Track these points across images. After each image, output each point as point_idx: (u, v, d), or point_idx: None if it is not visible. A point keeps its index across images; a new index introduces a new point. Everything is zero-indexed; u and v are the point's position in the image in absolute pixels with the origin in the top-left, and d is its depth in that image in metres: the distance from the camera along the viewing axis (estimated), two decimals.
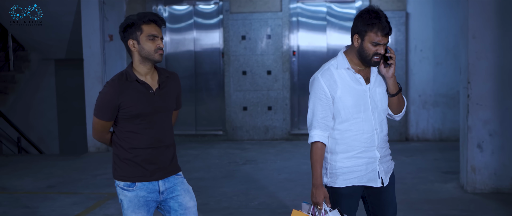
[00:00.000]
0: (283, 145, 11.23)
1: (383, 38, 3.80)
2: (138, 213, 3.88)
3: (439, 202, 7.19)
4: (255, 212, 6.94)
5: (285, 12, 11.58)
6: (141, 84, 3.82)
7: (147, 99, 3.82)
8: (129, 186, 3.87)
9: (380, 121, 3.98)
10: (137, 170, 3.86)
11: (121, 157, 3.89)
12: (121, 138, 3.87)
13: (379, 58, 3.85)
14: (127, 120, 3.82)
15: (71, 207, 7.24)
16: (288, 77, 11.69)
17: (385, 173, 4.03)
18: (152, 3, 11.85)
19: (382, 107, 4.00)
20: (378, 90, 3.98)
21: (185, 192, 4.00)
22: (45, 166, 9.82)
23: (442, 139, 11.43)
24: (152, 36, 3.77)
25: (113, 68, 11.29)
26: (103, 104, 3.80)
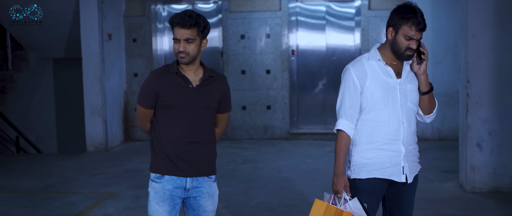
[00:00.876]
0: (282, 145, 11.22)
1: (417, 33, 3.88)
2: (162, 206, 3.97)
3: (439, 201, 7.19)
4: (254, 211, 6.93)
5: (284, 11, 11.56)
6: (181, 77, 3.92)
7: (184, 92, 3.92)
8: (158, 178, 3.99)
9: (408, 117, 4.00)
10: (167, 163, 3.97)
11: (155, 149, 4.01)
12: (157, 130, 4.00)
13: (412, 52, 3.92)
14: (163, 110, 3.94)
15: (70, 207, 7.23)
16: (287, 76, 11.68)
17: (410, 171, 4.05)
18: (151, 2, 11.83)
19: (412, 103, 4.02)
20: (409, 86, 4.01)
21: (209, 196, 4.07)
22: (43, 165, 9.81)
23: (441, 138, 11.42)
24: (175, 39, 3.89)
25: (112, 67, 11.29)
26: (144, 91, 3.98)
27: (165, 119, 3.96)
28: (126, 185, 8.26)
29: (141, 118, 4.06)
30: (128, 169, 9.36)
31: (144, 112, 4.01)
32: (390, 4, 11.28)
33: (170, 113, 3.94)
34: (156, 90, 3.91)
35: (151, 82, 3.95)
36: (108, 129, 11.10)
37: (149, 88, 3.94)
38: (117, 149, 11.21)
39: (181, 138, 3.94)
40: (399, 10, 3.98)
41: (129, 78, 11.97)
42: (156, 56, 11.98)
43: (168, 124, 3.95)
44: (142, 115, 4.04)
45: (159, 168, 3.99)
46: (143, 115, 4.03)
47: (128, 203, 7.31)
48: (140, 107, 4.01)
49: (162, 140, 3.96)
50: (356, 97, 4.00)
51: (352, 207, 3.93)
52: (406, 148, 4.01)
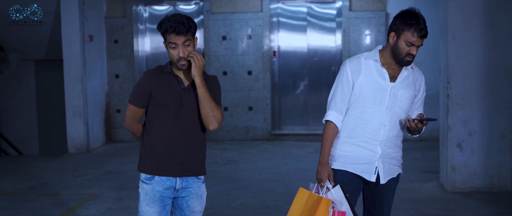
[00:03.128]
0: (264, 146, 11.24)
1: (418, 39, 4.02)
2: (153, 207, 4.01)
3: (420, 201, 7.24)
4: (236, 212, 6.95)
5: (266, 13, 11.59)
6: (174, 77, 3.99)
7: (176, 92, 3.98)
8: (148, 179, 4.02)
9: (391, 120, 4.06)
10: (157, 163, 4.00)
11: (145, 149, 4.04)
12: (148, 130, 4.04)
13: (411, 58, 4.01)
14: (155, 108, 3.99)
15: (52, 209, 7.20)
16: (269, 78, 11.71)
17: (384, 172, 4.12)
18: (132, 3, 11.81)
19: (400, 109, 4.08)
20: (401, 92, 4.07)
21: (197, 196, 4.11)
22: (24, 167, 9.76)
23: (421, 139, 11.46)
24: (172, 44, 3.91)
25: (93, 69, 11.25)
26: (137, 90, 4.02)
27: (157, 118, 4.00)
28: (108, 186, 8.24)
29: (130, 118, 4.08)
30: (109, 170, 9.34)
31: (135, 111, 4.04)
32: (370, 6, 11.35)
33: (162, 111, 3.98)
34: (150, 89, 3.96)
35: (145, 81, 3.99)
36: (89, 131, 11.06)
37: (143, 87, 3.98)
38: (99, 151, 11.18)
39: (172, 137, 3.98)
40: (402, 15, 4.08)
41: (111, 80, 11.94)
42: (137, 57, 11.96)
43: (159, 123, 3.99)
44: (133, 114, 4.06)
45: (149, 168, 4.02)
46: (133, 114, 4.06)
47: (110, 205, 7.30)
48: (132, 106, 4.03)
49: (153, 139, 4.00)
50: (347, 91, 4.11)
51: (333, 195, 4.05)
52: (383, 150, 4.09)
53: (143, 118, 4.12)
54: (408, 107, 4.11)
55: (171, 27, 3.87)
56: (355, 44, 11.36)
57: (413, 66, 4.19)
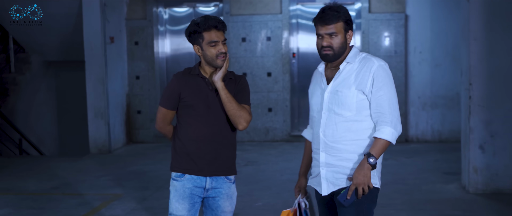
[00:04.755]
0: (283, 147, 11.30)
1: (323, 28, 3.79)
2: (182, 204, 4.11)
3: (442, 203, 7.26)
4: (260, 213, 7.01)
5: (285, 14, 11.65)
6: (202, 78, 4.08)
7: (204, 93, 4.07)
8: (179, 177, 4.13)
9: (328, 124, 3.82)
10: (188, 162, 4.10)
11: (176, 149, 4.15)
12: (179, 130, 4.14)
13: (328, 50, 3.77)
14: (185, 110, 4.08)
15: (77, 208, 7.29)
16: (288, 79, 11.76)
17: (327, 182, 3.85)
18: (153, 5, 11.90)
19: (344, 109, 3.78)
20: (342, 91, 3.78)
21: (227, 197, 4.21)
22: (47, 167, 9.86)
23: (441, 141, 11.51)
24: (213, 43, 4.00)
25: (114, 70, 11.36)
26: (167, 92, 4.13)
27: (186, 119, 4.09)
28: (131, 187, 8.33)
29: (161, 120, 4.19)
30: (132, 171, 9.43)
31: (166, 113, 4.15)
32: (390, 7, 11.37)
33: (191, 113, 4.07)
34: (179, 91, 4.06)
35: (174, 84, 4.09)
36: (111, 131, 11.16)
37: (173, 89, 4.08)
38: (120, 151, 11.28)
39: (202, 138, 4.06)
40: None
41: (131, 81, 12.04)
42: (157, 59, 12.05)
43: (189, 124, 4.09)
44: (163, 116, 4.17)
45: (180, 167, 4.12)
46: (164, 116, 4.16)
47: (134, 205, 7.37)
48: (162, 108, 4.14)
49: (183, 139, 4.10)
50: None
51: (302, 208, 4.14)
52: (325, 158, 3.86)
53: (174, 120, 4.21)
54: (356, 106, 3.75)
55: (214, 25, 4.00)
56: (374, 46, 11.38)
57: (365, 58, 3.84)
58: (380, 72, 3.75)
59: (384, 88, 3.74)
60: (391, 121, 3.71)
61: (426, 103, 11.49)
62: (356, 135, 3.79)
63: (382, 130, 3.70)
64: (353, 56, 3.86)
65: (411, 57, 11.40)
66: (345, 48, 3.84)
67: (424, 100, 11.49)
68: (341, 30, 3.79)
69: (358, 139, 3.79)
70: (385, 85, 3.74)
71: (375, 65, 3.76)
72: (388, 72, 3.80)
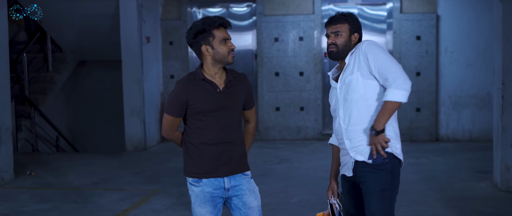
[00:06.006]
0: (315, 145, 11.47)
1: (330, 28, 4.21)
2: (204, 208, 4.12)
3: (474, 200, 7.39)
4: (296, 209, 7.19)
5: (317, 15, 11.82)
6: (208, 83, 4.08)
7: (213, 97, 4.07)
8: (196, 182, 4.14)
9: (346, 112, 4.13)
10: (203, 166, 4.10)
11: (190, 154, 4.15)
12: (190, 135, 4.13)
13: (333, 48, 4.17)
14: (195, 116, 4.08)
15: (118, 203, 7.53)
16: (320, 78, 11.93)
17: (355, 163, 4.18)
18: (187, 6, 12.14)
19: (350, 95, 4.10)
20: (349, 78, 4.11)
21: (250, 192, 4.21)
22: (86, 164, 10.14)
23: (472, 140, 11.59)
24: (224, 40, 4.05)
25: (150, 70, 11.61)
26: (173, 100, 4.10)
27: (197, 124, 4.11)
28: (169, 183, 8.56)
29: (169, 127, 4.18)
30: (168, 167, 9.67)
31: (173, 121, 4.15)
32: (421, 8, 11.49)
33: (201, 118, 4.09)
34: (186, 98, 4.05)
35: (180, 91, 4.08)
36: (146, 129, 11.43)
37: (179, 97, 4.07)
38: (155, 149, 11.54)
39: (214, 140, 4.10)
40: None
41: (166, 80, 12.30)
42: (191, 58, 12.28)
43: (200, 128, 4.10)
44: (171, 124, 4.17)
45: (195, 172, 4.14)
46: (171, 124, 4.17)
47: (174, 200, 7.60)
48: (169, 116, 4.14)
49: (196, 144, 4.12)
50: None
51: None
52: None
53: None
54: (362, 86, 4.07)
55: (222, 23, 4.06)
56: (405, 46, 11.51)
57: (356, 46, 4.17)
58: (369, 46, 4.07)
59: (379, 58, 4.02)
60: (393, 82, 3.96)
61: (457, 103, 11.59)
62: (367, 113, 4.08)
63: (386, 92, 4.00)
64: (355, 48, 4.18)
65: (442, 57, 11.51)
66: (349, 47, 4.18)
67: (455, 99, 11.59)
68: (346, 30, 4.16)
69: (371, 116, 4.08)
70: (378, 54, 4.03)
71: (363, 44, 4.11)
72: (377, 44, 4.13)
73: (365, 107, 4.07)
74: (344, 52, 4.16)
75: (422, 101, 11.53)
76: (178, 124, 4.18)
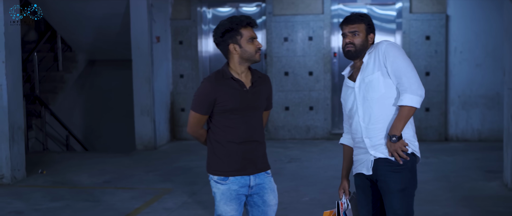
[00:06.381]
0: (324, 145, 11.50)
1: (346, 27, 4.23)
2: (230, 206, 4.17)
3: (485, 199, 7.42)
4: (308, 207, 7.23)
5: (327, 14, 11.85)
6: (236, 81, 4.14)
7: (240, 95, 4.13)
8: (222, 180, 4.16)
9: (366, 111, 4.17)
10: (230, 164, 4.14)
11: (216, 152, 4.18)
12: (216, 133, 4.17)
13: (350, 47, 4.19)
14: (222, 114, 4.13)
15: (130, 201, 7.59)
16: (329, 78, 11.96)
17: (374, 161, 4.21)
18: (197, 5, 12.18)
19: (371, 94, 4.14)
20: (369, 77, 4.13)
21: (270, 190, 4.28)
22: (97, 162, 10.20)
23: (481, 140, 11.61)
24: (251, 39, 4.11)
25: (160, 69, 11.67)
26: (200, 98, 4.14)
27: (224, 122, 4.15)
28: (180, 181, 8.61)
29: (195, 125, 4.22)
30: (178, 166, 9.72)
31: (200, 118, 4.18)
32: (431, 8, 11.51)
33: (228, 116, 4.13)
34: (214, 96, 4.10)
35: (208, 89, 4.12)
36: (156, 129, 11.48)
37: (207, 95, 4.11)
38: (165, 148, 11.59)
39: (242, 139, 4.15)
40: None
41: (175, 79, 12.34)
42: (201, 58, 12.33)
43: (227, 126, 4.14)
44: (197, 121, 4.20)
45: (222, 170, 4.16)
46: (198, 121, 4.20)
47: (185, 199, 7.65)
48: (195, 113, 4.17)
49: (223, 142, 4.15)
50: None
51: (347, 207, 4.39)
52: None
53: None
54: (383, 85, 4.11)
55: (249, 22, 4.11)
56: (415, 46, 11.53)
57: (374, 45, 4.23)
58: (389, 48, 4.12)
59: (397, 60, 4.08)
60: (409, 87, 4.04)
61: (466, 103, 11.61)
62: (389, 112, 4.14)
63: (402, 97, 4.06)
64: (370, 49, 4.23)
65: (452, 57, 11.52)
66: (366, 47, 4.21)
67: (464, 99, 11.61)
68: (363, 30, 4.21)
69: (392, 115, 4.14)
70: (396, 58, 4.09)
71: (382, 45, 4.15)
72: (396, 45, 4.19)
73: (387, 106, 4.12)
74: (361, 52, 4.20)
75: (431, 101, 11.54)
76: (204, 122, 4.23)
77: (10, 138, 8.58)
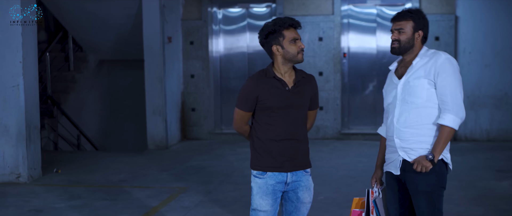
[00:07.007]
0: (334, 144, 11.60)
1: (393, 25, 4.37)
2: (266, 200, 4.33)
3: (498, 198, 7.51)
4: (323, 206, 7.33)
5: (337, 15, 11.94)
6: (278, 80, 4.28)
7: (282, 94, 4.27)
8: (260, 174, 4.34)
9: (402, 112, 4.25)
10: (269, 160, 4.31)
11: (256, 148, 4.36)
12: (258, 130, 4.35)
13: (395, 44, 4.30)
14: (263, 112, 4.30)
15: (148, 200, 7.69)
16: (339, 78, 12.06)
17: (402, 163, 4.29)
18: (208, 6, 12.29)
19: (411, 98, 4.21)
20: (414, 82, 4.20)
21: (306, 188, 4.43)
22: (111, 162, 10.30)
23: (489, 140, 11.70)
24: (294, 40, 4.24)
25: (171, 69, 11.77)
26: (244, 95, 4.33)
27: (265, 120, 4.31)
28: (194, 180, 8.71)
29: (239, 121, 4.41)
30: (191, 166, 9.82)
31: (243, 115, 4.37)
32: (440, 9, 11.60)
33: (269, 114, 4.29)
34: (256, 94, 4.27)
35: (251, 87, 4.30)
36: (168, 128, 11.59)
37: (250, 93, 4.30)
38: (176, 147, 11.69)
39: (281, 136, 4.29)
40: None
41: (186, 79, 12.45)
42: (212, 58, 12.43)
43: (268, 124, 4.31)
44: (241, 118, 4.39)
45: (261, 165, 4.34)
46: (242, 118, 4.39)
47: (201, 197, 7.75)
48: (239, 110, 4.36)
49: (263, 139, 4.32)
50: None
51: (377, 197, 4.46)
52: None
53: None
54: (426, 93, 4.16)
55: (292, 23, 4.24)
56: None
57: (434, 52, 4.25)
58: (446, 64, 4.15)
59: (448, 79, 4.13)
60: (453, 108, 4.11)
61: (474, 103, 11.70)
62: (426, 120, 4.19)
63: (444, 116, 4.13)
64: (424, 52, 4.30)
65: (461, 58, 11.61)
66: (412, 45, 4.29)
67: (473, 99, 11.69)
68: (409, 28, 4.28)
69: (428, 124, 4.19)
70: (449, 76, 4.13)
71: (441, 58, 4.17)
72: (454, 64, 4.20)
73: (424, 114, 4.19)
74: (406, 49, 4.27)
75: None
76: (248, 119, 4.40)
77: (27, 138, 8.68)
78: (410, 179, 4.22)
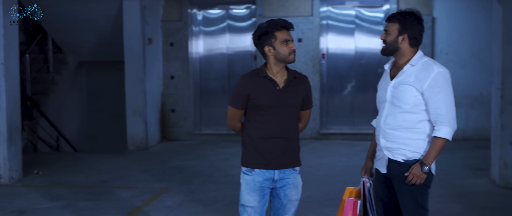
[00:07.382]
0: (313, 144, 11.71)
1: (386, 25, 4.40)
2: (253, 196, 4.44)
3: (474, 196, 7.68)
4: (305, 205, 7.38)
5: (316, 16, 12.06)
6: (269, 80, 4.38)
7: (272, 94, 4.36)
8: (248, 171, 4.46)
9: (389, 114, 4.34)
10: (257, 157, 4.42)
11: (246, 145, 4.48)
12: (248, 128, 4.46)
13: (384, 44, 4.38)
14: (254, 110, 4.40)
15: (130, 200, 7.74)
16: (318, 79, 12.18)
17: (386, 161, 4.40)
18: (188, 7, 12.35)
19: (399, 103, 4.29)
20: (403, 87, 4.26)
21: (293, 186, 4.52)
22: (92, 163, 10.32)
23: (465, 139, 11.88)
24: (285, 41, 4.36)
25: (151, 70, 11.82)
26: (236, 93, 4.46)
27: (255, 118, 4.42)
28: (176, 181, 8.77)
29: (232, 118, 4.53)
30: (172, 166, 9.88)
31: (235, 113, 4.50)
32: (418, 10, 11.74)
33: (260, 112, 4.39)
34: (247, 92, 4.38)
35: (242, 85, 4.42)
36: (148, 129, 11.63)
37: (241, 91, 4.41)
38: (156, 148, 11.74)
39: (270, 135, 4.39)
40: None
41: (166, 81, 12.50)
42: (191, 59, 12.50)
43: (258, 122, 4.41)
44: (233, 115, 4.52)
45: (250, 162, 4.46)
46: (234, 115, 4.52)
47: (184, 197, 7.82)
48: (232, 108, 4.48)
49: (253, 136, 4.43)
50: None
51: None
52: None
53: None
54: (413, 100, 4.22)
55: (284, 25, 4.35)
56: None
57: (427, 62, 4.29)
58: (439, 79, 4.22)
59: (443, 93, 4.21)
60: (449, 121, 4.24)
61: None
62: (411, 124, 4.28)
63: (441, 129, 4.23)
64: (417, 59, 4.34)
65: (437, 58, 11.78)
66: (396, 47, 4.34)
67: None
68: (394, 30, 4.33)
69: (413, 128, 4.28)
70: (443, 90, 4.22)
71: (434, 72, 4.22)
72: (447, 78, 4.27)
73: (410, 118, 4.27)
74: (392, 51, 4.35)
75: None
76: (240, 116, 4.51)
77: (8, 139, 8.69)
78: (395, 178, 4.33)
